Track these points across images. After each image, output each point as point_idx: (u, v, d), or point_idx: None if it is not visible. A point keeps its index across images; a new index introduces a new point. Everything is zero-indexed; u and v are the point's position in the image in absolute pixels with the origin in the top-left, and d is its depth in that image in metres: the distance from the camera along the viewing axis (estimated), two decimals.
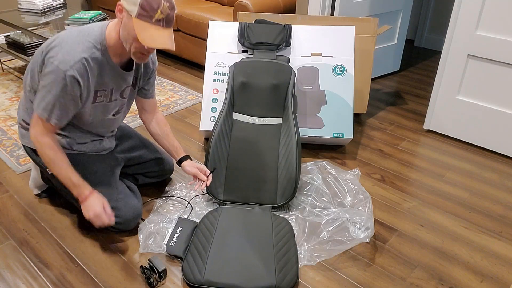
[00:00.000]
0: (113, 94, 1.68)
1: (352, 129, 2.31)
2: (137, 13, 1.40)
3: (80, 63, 1.48)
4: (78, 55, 1.48)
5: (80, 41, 1.50)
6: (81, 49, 1.49)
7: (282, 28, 2.30)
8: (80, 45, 1.49)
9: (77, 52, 1.48)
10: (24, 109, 1.71)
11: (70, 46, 1.48)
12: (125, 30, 1.47)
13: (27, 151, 1.79)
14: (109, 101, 1.69)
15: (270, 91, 2.10)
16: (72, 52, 1.47)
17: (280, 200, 1.92)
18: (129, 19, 1.43)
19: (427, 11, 4.02)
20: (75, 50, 1.48)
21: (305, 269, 1.66)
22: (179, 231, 1.74)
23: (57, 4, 3.48)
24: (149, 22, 1.41)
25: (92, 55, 1.51)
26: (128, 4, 1.42)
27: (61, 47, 1.48)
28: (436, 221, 1.93)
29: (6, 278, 1.60)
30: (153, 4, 1.39)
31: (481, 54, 2.32)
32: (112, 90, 1.66)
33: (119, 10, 1.46)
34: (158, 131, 1.89)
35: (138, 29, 1.41)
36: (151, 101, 1.89)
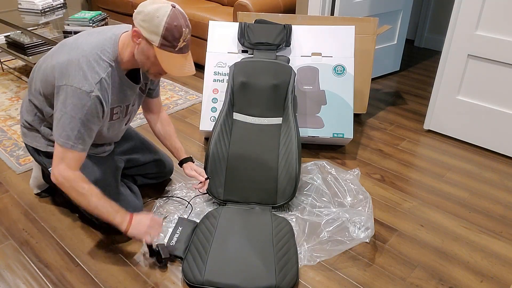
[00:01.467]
0: (128, 108, 1.68)
1: (352, 129, 2.31)
2: (160, 43, 1.38)
3: (100, 83, 1.44)
4: (98, 76, 1.44)
5: (96, 60, 1.45)
6: (99, 69, 1.45)
7: (282, 28, 2.30)
8: (97, 64, 1.45)
9: (96, 73, 1.44)
10: (27, 110, 1.70)
11: (89, 66, 1.44)
12: (143, 55, 1.44)
13: (29, 150, 1.78)
14: (125, 116, 1.69)
15: (270, 91, 2.10)
16: (92, 73, 1.43)
17: (280, 200, 1.92)
18: (149, 47, 1.41)
19: (427, 11, 4.02)
20: (94, 71, 1.44)
21: (305, 269, 1.66)
22: (179, 231, 1.74)
23: (57, 4, 3.48)
24: (173, 51, 1.41)
25: (108, 74, 1.48)
26: (148, 33, 1.38)
27: (81, 69, 1.43)
28: (436, 221, 1.93)
29: (6, 278, 1.60)
30: (175, 34, 1.38)
31: (481, 54, 2.32)
32: (127, 105, 1.65)
33: (136, 36, 1.42)
34: (161, 131, 1.89)
35: (162, 59, 1.40)
36: (156, 100, 1.89)
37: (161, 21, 1.36)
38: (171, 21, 1.36)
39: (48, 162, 1.74)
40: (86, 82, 1.42)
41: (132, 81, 1.62)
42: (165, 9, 1.37)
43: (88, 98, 1.42)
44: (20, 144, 2.42)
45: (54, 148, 1.50)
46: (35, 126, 1.69)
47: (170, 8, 1.38)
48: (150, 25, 1.37)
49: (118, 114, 1.64)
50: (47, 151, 1.72)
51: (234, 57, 2.35)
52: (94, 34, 1.53)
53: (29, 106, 1.68)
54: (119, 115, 1.65)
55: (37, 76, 1.60)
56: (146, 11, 1.37)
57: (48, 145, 1.71)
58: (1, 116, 2.74)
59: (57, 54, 1.52)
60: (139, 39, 1.42)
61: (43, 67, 1.56)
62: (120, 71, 1.53)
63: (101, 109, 1.48)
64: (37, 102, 1.62)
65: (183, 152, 1.90)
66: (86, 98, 1.42)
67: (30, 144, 1.75)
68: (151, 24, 1.37)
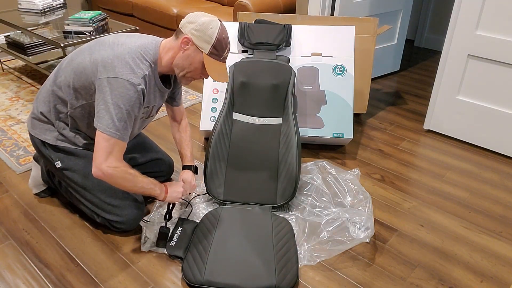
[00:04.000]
0: (153, 110, 1.73)
1: (352, 129, 2.31)
2: (209, 52, 1.55)
3: (144, 79, 1.52)
4: (142, 72, 1.52)
5: (139, 58, 1.54)
6: (143, 66, 1.54)
7: (282, 28, 2.30)
8: (140, 62, 1.53)
9: (142, 69, 1.52)
10: (44, 101, 1.70)
11: (135, 62, 1.52)
12: (187, 60, 1.57)
13: (35, 143, 1.76)
14: (148, 117, 1.74)
15: (270, 91, 2.10)
16: (137, 68, 1.51)
17: (280, 200, 1.92)
18: (197, 53, 1.56)
19: (427, 11, 4.02)
20: (139, 67, 1.52)
21: (305, 269, 1.66)
22: (179, 231, 1.74)
23: (57, 4, 3.48)
24: (218, 59, 1.58)
25: (149, 73, 1.56)
26: (199, 41, 1.54)
27: (128, 64, 1.50)
28: (436, 221, 1.93)
29: (6, 278, 1.60)
30: (223, 45, 1.57)
31: (481, 54, 2.32)
32: (153, 107, 1.71)
33: (185, 42, 1.54)
34: (177, 137, 1.97)
35: (208, 66, 1.56)
36: (178, 109, 1.95)
37: (214, 32, 1.53)
38: (221, 33, 1.55)
39: (55, 156, 1.73)
40: (134, 75, 1.49)
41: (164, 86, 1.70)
42: (216, 23, 1.55)
43: (135, 90, 1.48)
44: (20, 144, 2.42)
45: (98, 142, 1.51)
46: (50, 118, 1.70)
47: (220, 23, 1.56)
48: (203, 35, 1.53)
49: (143, 115, 1.69)
50: (56, 145, 1.72)
51: (234, 57, 2.35)
52: (135, 36, 1.63)
53: (49, 97, 1.68)
54: (144, 115, 1.70)
55: (68, 69, 1.61)
56: (200, 21, 1.53)
57: (58, 139, 1.71)
58: (1, 116, 2.74)
59: (97, 50, 1.56)
60: (188, 46, 1.55)
61: (78, 61, 1.59)
62: (157, 74, 1.61)
63: (142, 103, 1.55)
64: (62, 94, 1.63)
65: (187, 159, 1.93)
66: (133, 90, 1.48)
67: (38, 136, 1.73)
68: (204, 34, 1.53)
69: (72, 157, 1.73)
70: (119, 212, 1.73)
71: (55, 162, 1.74)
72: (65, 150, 1.73)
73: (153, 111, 1.74)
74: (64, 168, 1.74)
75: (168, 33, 3.63)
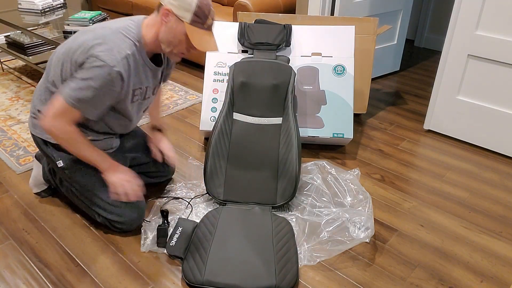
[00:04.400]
0: (147, 92, 1.70)
1: (352, 129, 2.31)
2: (191, 20, 1.48)
3: (126, 59, 1.49)
4: (124, 52, 1.49)
5: (122, 38, 1.51)
6: (125, 45, 1.50)
7: (282, 28, 2.30)
8: (123, 42, 1.50)
9: (123, 49, 1.49)
10: (40, 99, 1.70)
11: (115, 42, 1.49)
12: (171, 33, 1.52)
13: (37, 142, 1.76)
14: (144, 99, 1.71)
15: (270, 91, 2.10)
16: (118, 48, 1.48)
17: (280, 200, 1.92)
18: (179, 24, 1.49)
19: (427, 11, 4.02)
20: (120, 47, 1.49)
21: (305, 269, 1.66)
22: (179, 231, 1.74)
23: (57, 4, 3.48)
24: (202, 28, 1.50)
25: (133, 53, 1.53)
26: (179, 10, 1.47)
27: (107, 44, 1.48)
28: (436, 221, 1.93)
29: (6, 278, 1.60)
30: (205, 11, 1.49)
31: (481, 54, 2.32)
32: (147, 88, 1.68)
33: (165, 14, 1.49)
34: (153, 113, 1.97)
35: (192, 35, 1.48)
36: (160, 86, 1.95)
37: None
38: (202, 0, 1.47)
39: (57, 155, 1.73)
40: (110, 56, 1.46)
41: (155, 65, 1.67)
42: None
43: (108, 72, 1.46)
44: (20, 144, 2.42)
45: (55, 100, 1.52)
46: None
47: None
48: (182, 3, 1.46)
49: (138, 97, 1.67)
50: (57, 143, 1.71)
51: (234, 57, 2.35)
52: (118, 19, 1.60)
53: (45, 94, 1.68)
54: (139, 97, 1.68)
55: (55, 62, 1.61)
56: None
57: None
58: (1, 116, 2.74)
59: (80, 37, 1.55)
60: (168, 17, 1.49)
61: (62, 51, 1.59)
62: (144, 53, 1.58)
63: (119, 85, 1.51)
64: (56, 89, 1.63)
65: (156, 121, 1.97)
66: (107, 71, 1.45)
67: (39, 135, 1.73)
68: (183, 1, 1.46)
69: (74, 156, 1.73)
70: (120, 212, 1.73)
71: (57, 161, 1.74)
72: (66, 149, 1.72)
73: (148, 92, 1.71)
74: (66, 167, 1.74)
75: None
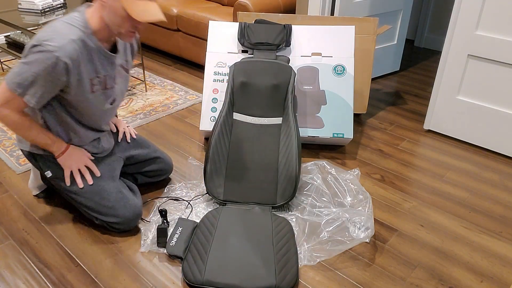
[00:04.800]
0: (108, 81, 1.67)
1: (352, 129, 2.31)
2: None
3: (71, 46, 1.47)
4: (67, 37, 1.47)
5: (67, 27, 1.50)
6: (70, 32, 1.49)
7: (282, 28, 2.30)
8: (68, 29, 1.49)
9: (66, 35, 1.48)
10: None
11: (59, 30, 1.48)
12: (112, 12, 1.49)
13: (25, 155, 1.79)
14: (104, 89, 1.68)
15: (270, 91, 2.10)
16: (62, 35, 1.47)
17: (280, 200, 1.92)
18: (115, 1, 1.46)
19: (427, 11, 4.02)
20: (64, 34, 1.48)
21: (305, 269, 1.66)
22: (179, 231, 1.74)
23: (57, 4, 3.48)
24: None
25: (80, 38, 1.51)
26: None
27: (51, 32, 1.48)
28: (436, 221, 1.93)
29: (6, 278, 1.60)
30: None
31: (481, 54, 2.32)
32: (105, 77, 1.66)
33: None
34: None
35: (128, 6, 1.45)
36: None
37: None
38: None
39: (44, 166, 1.74)
40: (52, 42, 1.45)
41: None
42: None
43: (50, 57, 1.45)
44: None
45: (1, 87, 1.54)
46: None
47: None
48: None
49: (97, 86, 1.64)
50: (43, 154, 1.73)
51: (234, 57, 2.35)
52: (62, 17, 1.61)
53: None
54: (99, 87, 1.65)
55: None
56: None
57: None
58: None
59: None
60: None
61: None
62: (95, 40, 1.56)
63: (63, 70, 1.49)
64: None
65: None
66: (48, 56, 1.45)
67: (25, 149, 1.76)
68: None
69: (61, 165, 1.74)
70: (115, 213, 1.73)
71: (45, 172, 1.75)
72: (53, 158, 1.73)
73: (108, 82, 1.67)
74: (55, 177, 1.75)
75: (168, 33, 3.64)
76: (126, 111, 2.83)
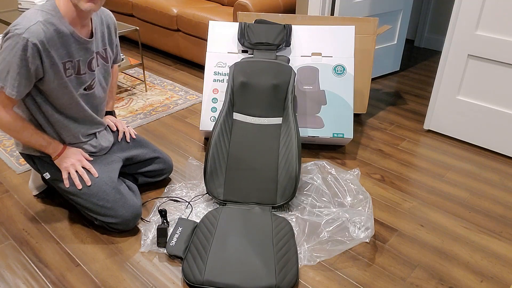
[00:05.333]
0: (81, 66, 1.66)
1: (352, 129, 2.31)
2: None
3: (38, 27, 1.48)
4: (35, 19, 1.49)
5: (36, 12, 1.52)
6: (37, 15, 1.51)
7: (282, 28, 2.30)
8: (35, 14, 1.51)
9: (33, 18, 1.49)
10: None
11: (28, 15, 1.50)
12: None
13: (24, 158, 1.80)
14: (78, 74, 1.67)
15: (270, 91, 2.10)
16: (29, 19, 1.49)
17: (280, 200, 1.92)
18: None
19: (427, 11, 4.02)
20: (31, 18, 1.49)
21: (305, 269, 1.66)
22: (179, 231, 1.74)
23: None
24: None
25: (47, 20, 1.51)
26: None
27: (20, 18, 1.50)
28: (436, 221, 1.93)
29: (6, 278, 1.60)
30: None
31: (481, 54, 2.32)
32: (78, 61, 1.65)
33: None
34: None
35: None
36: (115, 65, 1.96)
37: None
38: None
39: (42, 168, 1.75)
40: (19, 25, 1.47)
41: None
42: None
43: (18, 40, 1.46)
44: None
45: None
46: None
47: None
48: None
49: (71, 70, 1.63)
50: (40, 156, 1.74)
51: (234, 57, 2.35)
52: None
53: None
54: (72, 71, 1.64)
55: None
56: None
57: None
58: None
59: None
60: None
61: None
62: (66, 23, 1.56)
63: (37, 56, 1.50)
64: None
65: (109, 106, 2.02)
66: (17, 40, 1.46)
67: (23, 151, 1.76)
68: None
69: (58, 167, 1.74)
70: (114, 214, 1.73)
71: (44, 174, 1.75)
72: (51, 160, 1.74)
73: (81, 67, 1.66)
74: (53, 178, 1.75)
75: (168, 33, 3.64)
76: (126, 111, 2.83)
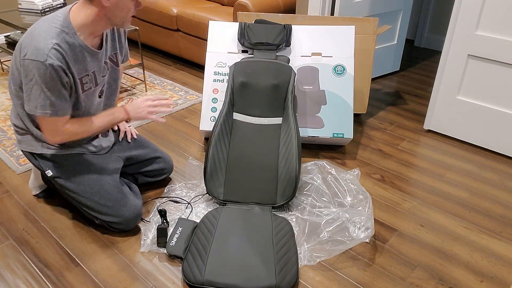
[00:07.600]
0: (96, 76, 1.68)
1: (352, 129, 2.31)
2: None
3: (54, 49, 1.48)
4: (50, 42, 1.48)
5: (47, 30, 1.50)
6: (50, 36, 1.49)
7: (282, 28, 2.30)
8: (48, 33, 1.50)
9: (48, 40, 1.48)
10: (14, 116, 1.71)
11: (40, 36, 1.49)
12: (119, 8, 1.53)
13: (26, 156, 1.79)
14: (96, 85, 1.70)
15: (270, 91, 2.10)
16: (43, 41, 1.48)
17: (280, 200, 1.92)
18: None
19: (427, 11, 4.02)
20: (45, 39, 1.48)
21: (305, 269, 1.66)
22: (179, 231, 1.74)
23: (57, 4, 3.48)
24: None
25: (62, 40, 1.51)
26: None
27: (32, 40, 1.48)
28: (436, 221, 1.93)
29: (6, 278, 1.60)
30: None
31: (481, 54, 2.32)
32: (94, 72, 1.66)
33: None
34: None
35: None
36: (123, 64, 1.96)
37: None
38: None
39: (44, 165, 1.74)
40: (38, 52, 1.46)
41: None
42: None
43: (44, 67, 1.47)
44: None
45: (39, 123, 1.58)
46: (24, 128, 1.71)
47: None
48: None
49: (89, 84, 1.65)
50: (43, 153, 1.73)
51: (234, 57, 2.35)
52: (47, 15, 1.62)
53: (15, 110, 1.69)
54: (90, 85, 1.66)
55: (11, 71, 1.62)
56: None
57: (43, 146, 1.72)
58: (1, 116, 2.74)
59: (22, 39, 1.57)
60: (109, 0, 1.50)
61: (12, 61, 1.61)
62: (78, 38, 1.56)
63: (63, 75, 1.51)
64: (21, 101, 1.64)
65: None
66: (43, 67, 1.47)
67: (25, 149, 1.76)
68: None
69: (61, 164, 1.74)
70: (115, 213, 1.73)
71: (46, 171, 1.75)
72: (53, 158, 1.73)
73: (98, 78, 1.69)
74: (55, 176, 1.75)
75: (168, 33, 3.64)
76: None
